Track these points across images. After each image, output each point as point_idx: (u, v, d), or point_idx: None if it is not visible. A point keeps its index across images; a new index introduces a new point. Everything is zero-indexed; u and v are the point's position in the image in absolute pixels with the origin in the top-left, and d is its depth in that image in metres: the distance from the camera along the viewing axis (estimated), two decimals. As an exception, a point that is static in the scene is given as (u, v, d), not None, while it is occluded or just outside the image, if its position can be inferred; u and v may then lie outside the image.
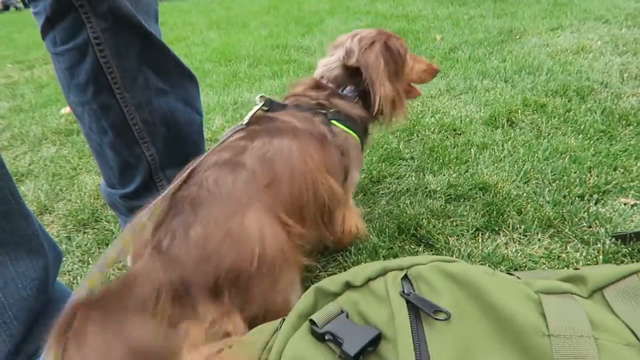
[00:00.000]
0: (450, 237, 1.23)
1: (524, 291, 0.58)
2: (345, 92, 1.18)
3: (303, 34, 4.26)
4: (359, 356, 0.56)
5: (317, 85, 1.18)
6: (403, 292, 0.61)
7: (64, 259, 1.34)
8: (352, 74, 1.16)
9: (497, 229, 1.24)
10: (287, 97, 1.17)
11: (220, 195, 0.79)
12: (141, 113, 1.09)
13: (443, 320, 0.57)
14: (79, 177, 1.92)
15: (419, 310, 0.59)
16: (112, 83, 1.03)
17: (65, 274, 1.30)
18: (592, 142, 1.58)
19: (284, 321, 0.66)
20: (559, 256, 1.12)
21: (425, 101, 2.19)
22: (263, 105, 1.06)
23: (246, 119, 1.02)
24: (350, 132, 1.12)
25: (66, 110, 2.88)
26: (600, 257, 1.09)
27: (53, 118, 2.77)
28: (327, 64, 1.20)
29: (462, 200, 1.39)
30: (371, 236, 1.28)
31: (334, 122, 1.10)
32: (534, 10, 3.89)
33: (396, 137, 1.85)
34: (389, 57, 1.15)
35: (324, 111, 1.11)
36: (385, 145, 1.78)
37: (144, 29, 1.03)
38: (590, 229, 1.19)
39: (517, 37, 3.13)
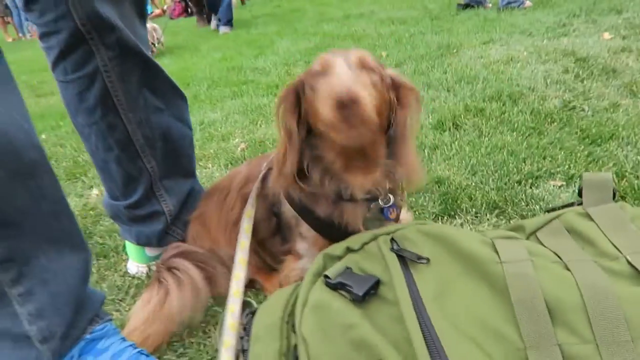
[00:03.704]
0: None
1: (481, 238, 0.78)
2: None
3: (256, 56, 4.45)
4: (365, 296, 0.74)
5: None
6: (392, 248, 0.80)
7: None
8: None
9: (453, 213, 1.46)
10: None
11: None
12: (142, 130, 1.23)
13: (425, 264, 0.76)
14: (60, 199, 2.00)
15: (406, 260, 0.78)
16: (117, 105, 1.17)
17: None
18: (524, 137, 1.86)
19: (299, 284, 0.84)
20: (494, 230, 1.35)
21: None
22: None
23: None
24: None
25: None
26: (538, 228, 1.33)
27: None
28: None
29: (421, 193, 1.60)
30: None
31: None
32: (467, 26, 4.27)
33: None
34: None
35: None
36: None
37: (144, 56, 1.18)
38: (528, 207, 1.43)
39: (455, 51, 3.45)
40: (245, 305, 0.91)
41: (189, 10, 11.52)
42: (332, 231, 0.98)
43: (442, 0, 6.23)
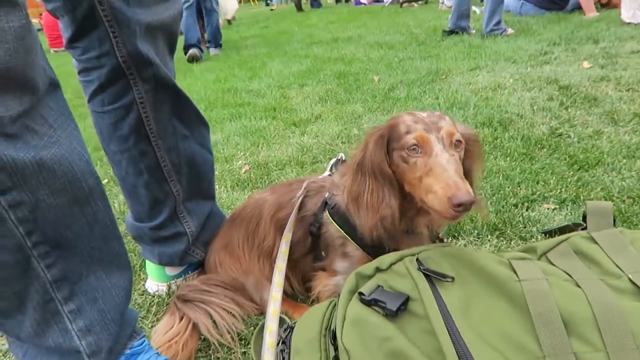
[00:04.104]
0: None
1: (499, 258, 0.88)
2: None
3: (250, 78, 4.55)
4: (397, 311, 0.83)
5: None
6: (419, 268, 0.89)
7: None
8: None
9: (456, 234, 1.56)
10: None
11: None
12: (170, 156, 1.31)
13: (450, 282, 0.85)
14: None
15: (432, 278, 0.87)
16: (149, 133, 1.25)
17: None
18: (517, 163, 1.98)
19: (331, 302, 0.92)
20: (506, 251, 1.45)
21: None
22: None
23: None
24: None
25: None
26: (535, 248, 1.44)
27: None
28: None
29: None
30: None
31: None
32: (454, 52, 4.45)
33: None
34: None
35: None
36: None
37: (177, 88, 1.26)
38: (526, 228, 1.54)
39: (444, 77, 3.61)
40: (280, 321, 0.99)
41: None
42: (380, 253, 1.02)
43: (427, 26, 6.47)
